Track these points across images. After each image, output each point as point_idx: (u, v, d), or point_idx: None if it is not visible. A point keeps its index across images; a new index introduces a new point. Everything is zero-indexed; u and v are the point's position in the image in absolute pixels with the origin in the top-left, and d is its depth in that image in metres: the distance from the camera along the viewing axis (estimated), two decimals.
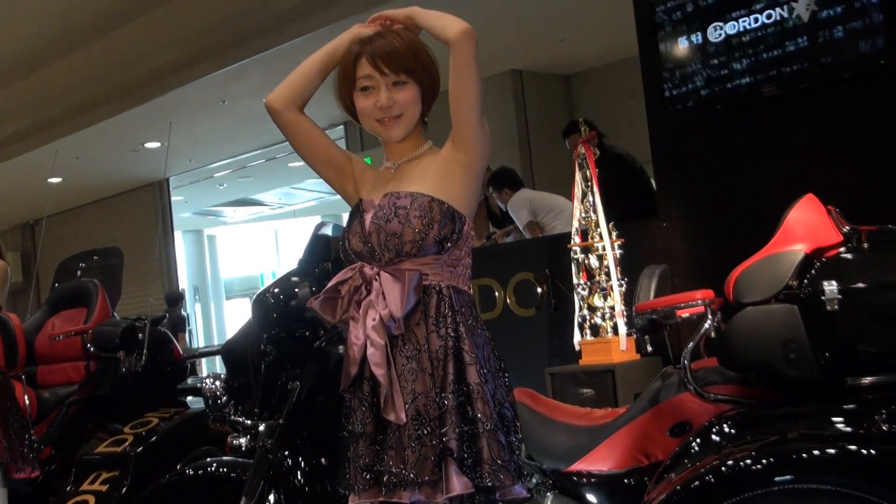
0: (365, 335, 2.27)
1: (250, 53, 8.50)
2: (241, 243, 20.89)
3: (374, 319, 2.26)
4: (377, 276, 2.29)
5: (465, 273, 2.35)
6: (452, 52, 2.28)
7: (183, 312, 13.10)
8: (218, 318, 19.67)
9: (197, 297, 19.04)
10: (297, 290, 3.06)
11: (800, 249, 2.66)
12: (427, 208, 2.28)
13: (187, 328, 12.84)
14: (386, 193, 2.36)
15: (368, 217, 2.36)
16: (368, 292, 2.30)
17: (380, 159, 2.52)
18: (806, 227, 2.74)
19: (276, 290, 3.07)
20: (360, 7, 7.31)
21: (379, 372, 2.24)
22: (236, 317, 19.45)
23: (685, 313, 2.91)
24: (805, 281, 2.59)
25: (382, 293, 2.26)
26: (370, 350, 2.26)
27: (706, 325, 2.81)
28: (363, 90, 2.38)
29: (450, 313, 2.26)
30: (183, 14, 8.68)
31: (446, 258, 2.31)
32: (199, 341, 17.87)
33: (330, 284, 2.34)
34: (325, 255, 3.14)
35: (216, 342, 18.61)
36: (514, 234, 7.61)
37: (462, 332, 2.24)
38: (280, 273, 3.97)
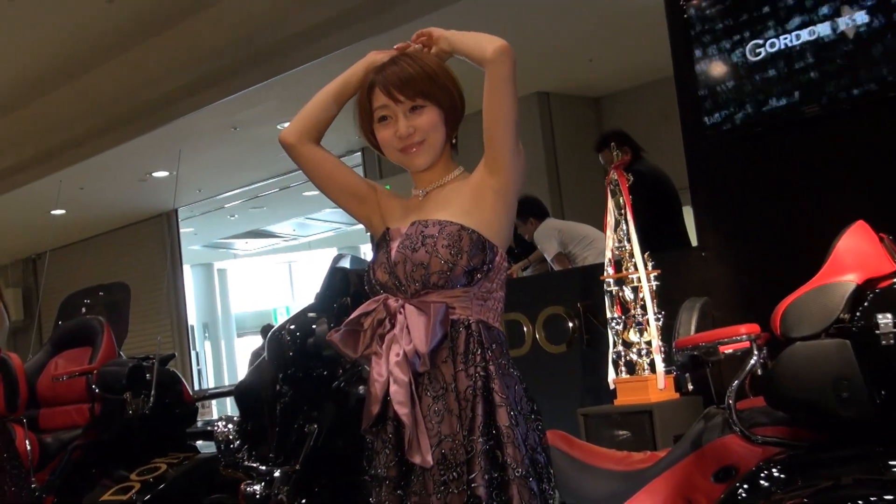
0: (388, 371, 2.25)
1: (262, 78, 8.55)
2: (253, 277, 20.93)
3: (397, 355, 2.24)
4: (402, 309, 2.28)
5: (496, 307, 2.33)
6: (488, 70, 2.27)
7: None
8: (229, 357, 19.68)
9: (207, 335, 19.07)
10: (314, 326, 3.06)
11: (851, 280, 2.64)
12: (456, 237, 2.27)
13: (196, 367, 12.86)
14: (413, 222, 2.35)
15: (395, 246, 2.35)
16: (393, 326, 2.28)
17: (400, 186, 2.52)
18: (857, 255, 2.71)
19: (292, 326, 3.07)
20: (375, 30, 7.35)
21: (402, 411, 2.22)
22: (249, 355, 19.44)
23: (729, 349, 2.88)
24: (857, 314, 2.56)
25: (407, 327, 2.25)
26: (393, 387, 2.23)
27: (752, 362, 2.78)
28: (381, 121, 2.39)
29: (479, 350, 2.24)
30: (191, 38, 8.75)
31: (476, 290, 2.29)
32: (209, 381, 17.87)
33: (352, 316, 2.33)
34: (343, 289, 3.14)
35: (227, 382, 18.63)
36: (532, 267, 7.57)
37: (492, 372, 2.22)
38: (295, 309, 3.98)
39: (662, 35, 5.19)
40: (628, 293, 4.98)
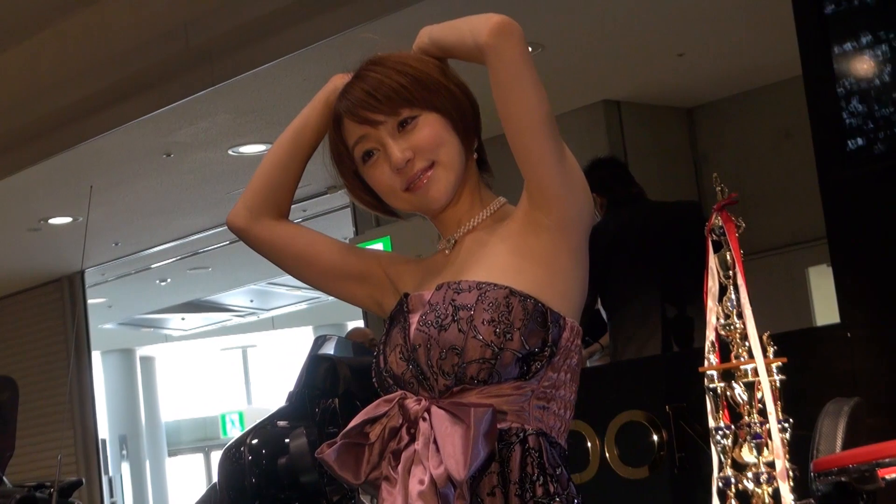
0: None
1: (205, 83, 8.60)
2: (191, 369, 20.99)
3: (421, 483, 2.21)
4: (427, 414, 2.26)
5: (563, 413, 2.30)
6: (489, 60, 2.26)
7: None
8: (156, 483, 19.69)
9: (124, 452, 19.08)
10: (287, 440, 3.06)
11: None
12: (503, 307, 2.23)
13: (111, 500, 12.83)
14: (440, 284, 2.32)
15: (414, 321, 2.33)
16: (412, 438, 2.26)
17: (405, 231, 2.53)
18: None
19: (255, 441, 3.07)
20: (360, 16, 7.39)
21: None
22: (186, 481, 19.43)
23: (892, 473, 2.87)
24: None
25: (435, 441, 2.22)
26: None
27: None
28: (366, 160, 2.38)
29: (541, 478, 2.21)
30: (106, 27, 8.83)
31: (535, 386, 2.27)
32: None
33: (353, 424, 2.30)
34: (329, 386, 3.13)
35: None
36: (602, 353, 7.55)
37: None
38: (255, 415, 3.97)
39: (787, 19, 5.21)
40: (740, 392, 4.96)
